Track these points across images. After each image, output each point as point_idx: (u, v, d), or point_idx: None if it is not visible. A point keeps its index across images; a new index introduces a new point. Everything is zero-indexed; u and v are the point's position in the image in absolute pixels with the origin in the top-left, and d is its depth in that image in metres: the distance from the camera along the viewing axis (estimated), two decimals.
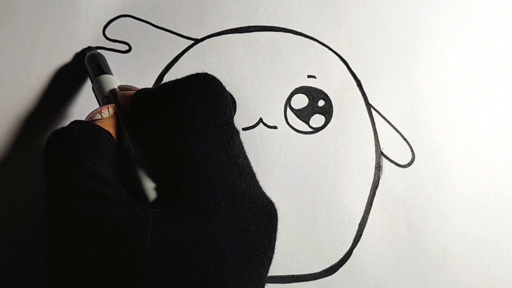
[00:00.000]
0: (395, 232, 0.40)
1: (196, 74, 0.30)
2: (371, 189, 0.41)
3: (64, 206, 0.26)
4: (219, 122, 0.28)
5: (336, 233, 0.40)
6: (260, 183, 0.40)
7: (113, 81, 0.36)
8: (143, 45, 0.43)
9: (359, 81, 0.43)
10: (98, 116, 0.30)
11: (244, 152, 0.30)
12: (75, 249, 0.25)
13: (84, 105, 0.42)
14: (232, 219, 0.26)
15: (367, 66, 0.43)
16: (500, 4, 0.45)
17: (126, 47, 0.43)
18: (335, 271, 0.39)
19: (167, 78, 0.43)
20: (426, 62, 0.44)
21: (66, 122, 0.42)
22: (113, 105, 0.32)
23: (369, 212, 0.40)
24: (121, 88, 0.35)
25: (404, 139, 0.42)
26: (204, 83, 0.29)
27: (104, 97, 0.35)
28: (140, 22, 0.44)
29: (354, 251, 0.40)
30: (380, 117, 0.42)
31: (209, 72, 0.42)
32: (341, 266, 0.39)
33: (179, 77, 0.42)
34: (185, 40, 0.43)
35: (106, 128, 0.29)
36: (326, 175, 0.41)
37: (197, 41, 0.43)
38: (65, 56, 0.43)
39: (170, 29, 0.44)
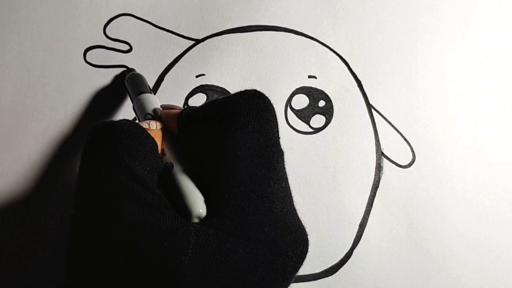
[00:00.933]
0: (395, 232, 0.40)
1: (247, 91, 0.29)
2: (371, 189, 0.41)
3: (96, 203, 0.25)
4: (268, 142, 0.27)
5: (336, 233, 0.40)
6: None
7: (155, 100, 0.36)
8: (144, 44, 0.43)
9: (360, 82, 0.43)
10: (146, 126, 0.30)
11: (286, 175, 0.29)
12: (102, 254, 0.24)
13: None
14: (273, 244, 0.25)
15: (367, 67, 0.43)
16: (500, 4, 0.45)
17: (127, 47, 0.43)
18: (335, 272, 0.39)
19: (168, 78, 0.43)
20: (426, 63, 0.44)
21: (66, 121, 0.42)
22: (159, 121, 0.31)
23: (370, 212, 0.40)
24: (163, 107, 0.34)
25: (405, 139, 0.42)
26: (256, 101, 0.28)
27: (146, 114, 0.35)
28: (141, 21, 0.44)
29: (355, 251, 0.40)
30: (381, 118, 0.42)
31: (209, 72, 0.43)
32: (341, 266, 0.39)
33: (180, 77, 0.43)
34: (186, 40, 0.43)
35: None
36: (326, 175, 0.41)
37: (198, 41, 0.43)
38: (65, 55, 0.43)
39: (170, 29, 0.44)
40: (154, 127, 0.30)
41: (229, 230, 0.24)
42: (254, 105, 0.28)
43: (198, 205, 0.26)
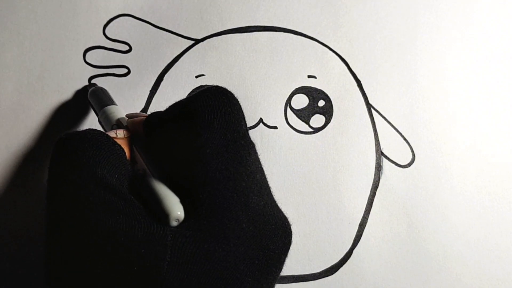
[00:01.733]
0: (395, 232, 0.40)
1: (208, 88, 0.29)
2: (371, 189, 0.41)
3: (68, 215, 0.24)
4: (236, 136, 0.27)
5: (336, 233, 0.40)
6: None
7: (119, 110, 0.36)
8: (143, 45, 0.43)
9: (359, 81, 0.43)
10: (113, 135, 0.30)
11: (261, 166, 0.29)
12: (79, 265, 0.23)
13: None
14: (252, 239, 0.25)
15: (367, 66, 0.43)
16: (500, 4, 0.45)
17: (126, 47, 0.43)
18: (335, 271, 0.39)
19: (167, 78, 0.43)
20: (426, 62, 0.44)
21: (65, 123, 0.42)
22: (126, 130, 0.31)
23: (369, 212, 0.40)
24: (129, 116, 0.35)
25: (404, 139, 0.42)
26: (218, 97, 0.28)
27: (113, 125, 0.35)
28: (140, 22, 0.44)
29: (354, 251, 0.40)
30: (380, 117, 0.42)
31: (209, 72, 0.43)
32: (341, 266, 0.39)
33: (179, 77, 0.42)
34: (185, 40, 0.43)
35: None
36: (326, 175, 0.41)
37: (197, 41, 0.43)
38: (65, 55, 0.43)
39: (170, 29, 0.44)
40: (121, 135, 0.30)
41: (206, 230, 0.24)
42: (217, 101, 0.28)
43: (175, 208, 0.25)
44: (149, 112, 0.41)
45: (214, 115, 0.27)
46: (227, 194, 0.25)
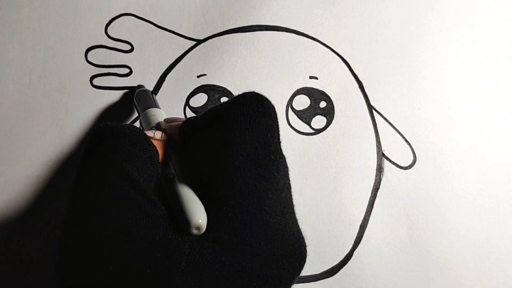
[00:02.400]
0: (396, 233, 0.40)
1: (244, 94, 0.27)
2: (372, 190, 0.41)
3: (89, 205, 0.24)
4: (267, 150, 0.26)
5: (337, 234, 0.40)
6: None
7: (161, 114, 0.37)
8: (146, 45, 0.43)
9: (361, 83, 0.43)
10: (151, 134, 0.29)
11: (288, 181, 0.28)
12: (91, 258, 0.23)
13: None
14: (269, 258, 0.25)
15: (369, 68, 0.43)
16: (502, 6, 0.45)
17: (128, 47, 0.43)
18: (335, 273, 0.39)
19: (169, 79, 0.43)
20: (428, 64, 0.44)
21: (67, 121, 0.42)
22: (164, 133, 0.31)
23: (370, 213, 0.40)
24: (167, 120, 0.34)
25: (406, 140, 0.42)
26: (253, 105, 0.27)
27: (152, 127, 0.35)
28: (143, 21, 0.44)
29: (355, 252, 0.40)
30: (382, 119, 0.42)
31: (210, 72, 0.42)
32: (342, 267, 0.39)
33: (181, 77, 0.42)
34: (187, 40, 0.43)
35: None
36: (327, 176, 0.41)
37: (199, 41, 0.43)
38: (67, 54, 0.43)
39: (172, 29, 0.44)
40: (158, 137, 0.30)
41: (225, 244, 0.24)
42: (252, 110, 0.27)
43: (197, 215, 0.25)
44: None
45: (246, 125, 0.26)
46: (251, 210, 0.25)
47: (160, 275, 0.22)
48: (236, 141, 0.26)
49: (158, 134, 0.30)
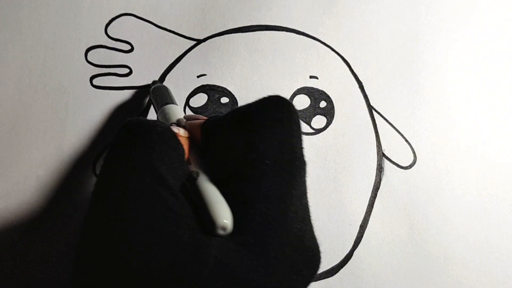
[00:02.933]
0: (396, 233, 0.40)
1: (270, 97, 0.27)
2: (372, 190, 0.41)
3: (116, 201, 0.24)
4: (293, 157, 0.26)
5: (337, 234, 0.40)
6: None
7: (179, 110, 0.36)
8: (146, 44, 0.43)
9: (361, 83, 0.43)
10: (176, 131, 0.29)
11: (306, 187, 0.27)
12: (115, 255, 0.22)
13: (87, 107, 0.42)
14: (290, 264, 0.25)
15: (369, 68, 0.43)
16: (502, 7, 0.45)
17: (128, 47, 0.43)
18: (335, 273, 0.39)
19: (169, 78, 0.43)
20: (427, 64, 0.43)
21: (67, 121, 0.42)
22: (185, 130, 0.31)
23: (370, 213, 0.40)
24: (187, 117, 0.34)
25: (406, 140, 0.42)
26: (280, 110, 0.27)
27: (171, 124, 0.34)
28: (143, 21, 0.44)
29: (355, 252, 0.40)
30: (382, 119, 0.42)
31: (211, 72, 0.42)
32: (342, 267, 0.39)
33: (181, 77, 0.42)
34: (187, 40, 0.43)
35: None
36: (327, 176, 0.41)
37: (199, 41, 0.43)
38: (67, 54, 0.43)
39: (172, 29, 0.44)
40: (183, 134, 0.29)
41: (251, 248, 0.24)
42: (279, 115, 0.26)
43: (223, 215, 0.24)
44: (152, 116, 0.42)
45: (274, 130, 0.26)
46: (276, 216, 0.25)
47: (187, 275, 0.22)
48: (264, 146, 0.26)
49: (182, 131, 0.30)
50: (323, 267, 0.39)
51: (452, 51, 0.44)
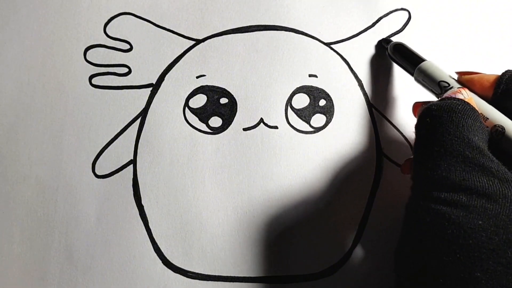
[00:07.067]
0: (395, 233, 0.40)
1: None
2: (371, 189, 0.41)
3: (441, 177, 0.27)
4: None
5: (335, 233, 0.40)
6: (261, 183, 0.40)
7: (434, 66, 0.37)
8: (144, 44, 0.43)
9: (360, 81, 0.43)
10: (461, 96, 0.30)
11: None
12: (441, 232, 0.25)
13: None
14: None
15: (368, 66, 0.43)
16: (501, 5, 0.45)
17: (127, 46, 0.43)
18: (334, 272, 0.39)
19: (168, 79, 0.43)
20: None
21: (66, 120, 0.42)
22: (465, 88, 0.32)
23: (369, 212, 0.40)
24: (461, 73, 0.35)
25: (405, 139, 0.42)
26: None
27: (440, 82, 0.35)
28: (142, 20, 0.44)
29: (354, 251, 0.40)
30: (381, 117, 0.42)
31: (210, 72, 0.42)
32: (340, 266, 0.39)
33: (180, 77, 0.42)
34: (186, 40, 0.43)
35: None
36: (326, 175, 0.41)
37: (198, 41, 0.43)
38: (66, 54, 0.43)
39: (171, 29, 0.44)
40: (466, 96, 0.30)
41: None
42: None
43: None
44: (150, 110, 0.42)
45: None
46: None
47: None
48: None
49: (465, 94, 0.31)
50: (322, 266, 0.39)
51: (451, 47, 0.44)
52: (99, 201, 0.41)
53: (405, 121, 0.42)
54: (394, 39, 0.43)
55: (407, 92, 0.42)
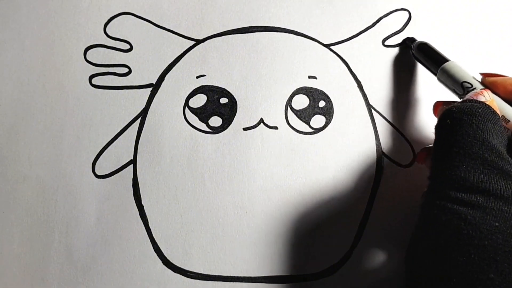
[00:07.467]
0: (395, 232, 0.40)
1: None
2: (371, 189, 0.41)
3: (459, 178, 0.27)
4: None
5: (336, 233, 0.40)
6: (261, 184, 0.40)
7: (457, 66, 0.37)
8: (145, 44, 0.43)
9: (360, 82, 0.43)
10: (483, 98, 0.30)
11: None
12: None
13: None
14: None
15: (367, 67, 0.43)
16: (501, 5, 0.45)
17: (127, 46, 0.43)
18: (335, 271, 0.39)
19: (168, 79, 0.43)
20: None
21: (66, 120, 0.42)
22: (488, 90, 0.32)
23: (370, 212, 0.40)
24: (485, 75, 0.35)
25: (405, 139, 0.42)
26: None
27: (463, 82, 0.35)
28: (142, 20, 0.44)
29: (354, 251, 0.40)
30: (381, 118, 0.42)
31: (210, 73, 0.42)
32: (341, 266, 0.39)
33: (180, 77, 0.42)
34: (187, 40, 0.43)
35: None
36: (326, 175, 0.41)
37: (198, 41, 0.43)
38: (66, 54, 0.43)
39: (171, 29, 0.44)
40: (488, 98, 0.31)
41: None
42: None
43: None
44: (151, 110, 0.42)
45: None
46: None
47: None
48: None
49: (487, 96, 0.31)
50: (322, 265, 0.40)
51: (450, 47, 0.44)
52: (99, 201, 0.41)
53: (405, 121, 0.42)
54: (395, 39, 0.43)
55: (407, 92, 0.42)
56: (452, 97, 0.37)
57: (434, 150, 0.30)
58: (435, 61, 0.39)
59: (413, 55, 0.41)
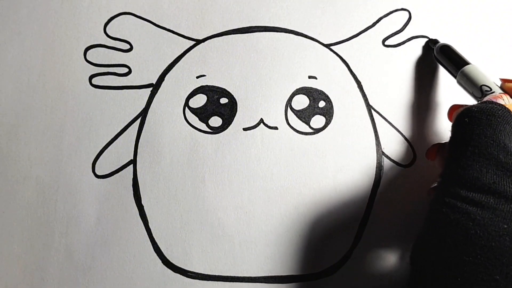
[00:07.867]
0: (395, 232, 0.40)
1: None
2: (372, 189, 0.41)
3: (472, 177, 0.27)
4: None
5: (336, 233, 0.40)
6: (261, 184, 0.40)
7: (478, 70, 0.37)
8: (145, 44, 0.43)
9: (360, 82, 0.43)
10: (502, 102, 0.30)
11: None
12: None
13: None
14: None
15: (367, 68, 0.43)
16: (501, 5, 0.45)
17: (127, 46, 0.43)
18: (335, 271, 0.39)
19: (168, 79, 0.43)
20: (426, 62, 0.43)
21: (66, 120, 0.42)
22: (506, 94, 0.32)
23: (370, 212, 0.40)
24: (505, 80, 0.35)
25: (405, 139, 0.42)
26: None
27: (482, 85, 0.35)
28: (142, 20, 0.44)
29: (354, 251, 0.40)
30: (381, 118, 0.42)
31: (210, 73, 0.42)
32: (341, 266, 0.39)
33: (180, 77, 0.42)
34: (187, 40, 0.43)
35: None
36: (326, 175, 0.41)
37: (198, 41, 0.43)
38: (66, 54, 0.43)
39: (171, 29, 0.44)
40: (508, 102, 0.31)
41: None
42: None
43: None
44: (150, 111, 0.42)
45: None
46: None
47: None
48: None
49: (507, 100, 0.31)
50: (322, 265, 0.40)
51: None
52: (99, 201, 0.41)
53: (405, 121, 0.42)
54: (395, 39, 0.43)
55: (407, 92, 0.42)
56: (466, 101, 0.37)
57: (449, 147, 0.30)
58: (456, 63, 0.39)
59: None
